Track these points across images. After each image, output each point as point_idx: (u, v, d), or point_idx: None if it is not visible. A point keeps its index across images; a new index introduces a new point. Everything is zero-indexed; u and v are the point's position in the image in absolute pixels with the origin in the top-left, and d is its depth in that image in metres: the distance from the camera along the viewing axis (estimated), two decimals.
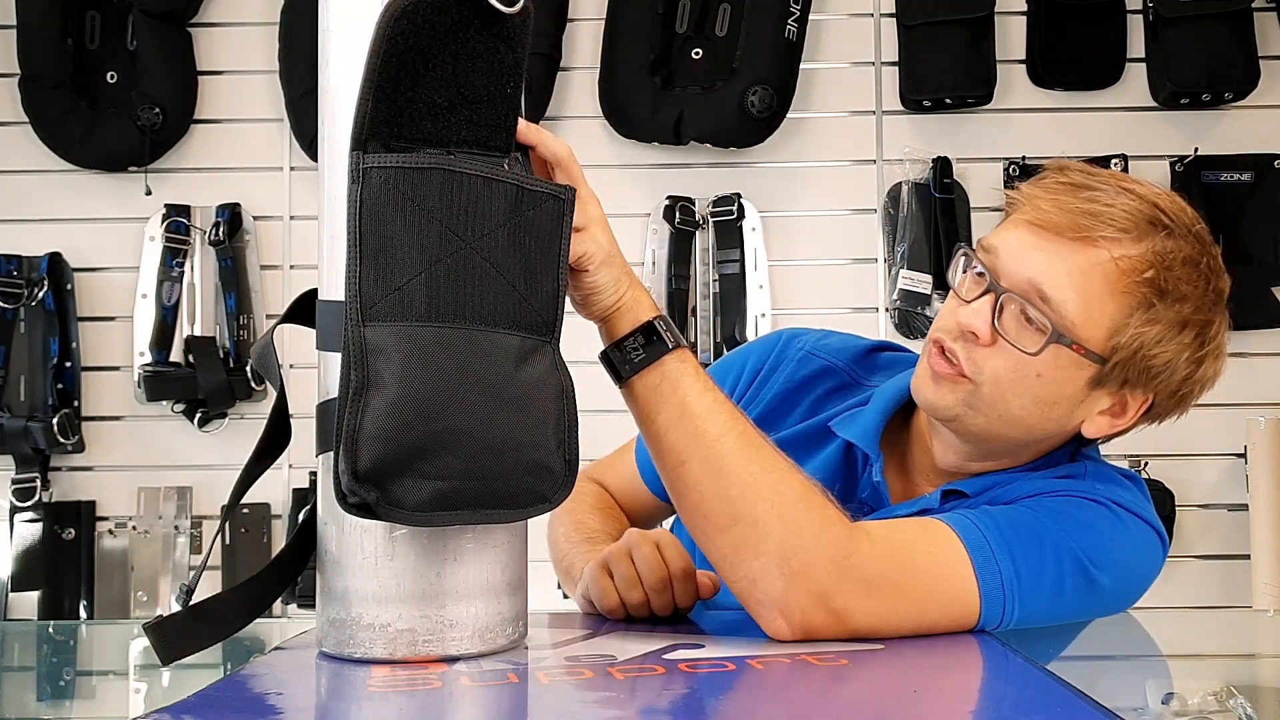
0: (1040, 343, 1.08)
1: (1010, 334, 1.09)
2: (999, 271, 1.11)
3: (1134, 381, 1.11)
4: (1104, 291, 1.07)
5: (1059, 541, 1.05)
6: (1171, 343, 1.09)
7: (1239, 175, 2.85)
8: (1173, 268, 1.07)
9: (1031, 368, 1.09)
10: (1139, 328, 1.08)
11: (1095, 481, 1.14)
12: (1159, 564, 1.15)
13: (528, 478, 0.89)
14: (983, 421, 1.13)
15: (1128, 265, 1.06)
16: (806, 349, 1.33)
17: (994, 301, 1.10)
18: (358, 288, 0.84)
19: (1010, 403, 1.11)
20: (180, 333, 2.85)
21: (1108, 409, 1.14)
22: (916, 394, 1.16)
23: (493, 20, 0.86)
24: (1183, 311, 1.08)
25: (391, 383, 0.83)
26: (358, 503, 0.83)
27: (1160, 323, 1.08)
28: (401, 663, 0.88)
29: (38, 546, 2.80)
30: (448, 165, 0.86)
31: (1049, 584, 1.04)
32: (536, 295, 0.90)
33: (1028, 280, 1.08)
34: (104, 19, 2.90)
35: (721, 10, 2.84)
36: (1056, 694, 0.83)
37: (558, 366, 0.92)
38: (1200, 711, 1.07)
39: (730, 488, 0.98)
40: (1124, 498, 1.12)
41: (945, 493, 1.17)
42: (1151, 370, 1.10)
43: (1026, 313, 1.09)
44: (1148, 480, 2.76)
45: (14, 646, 1.54)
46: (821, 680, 0.88)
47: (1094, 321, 1.08)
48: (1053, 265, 1.08)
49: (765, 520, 0.97)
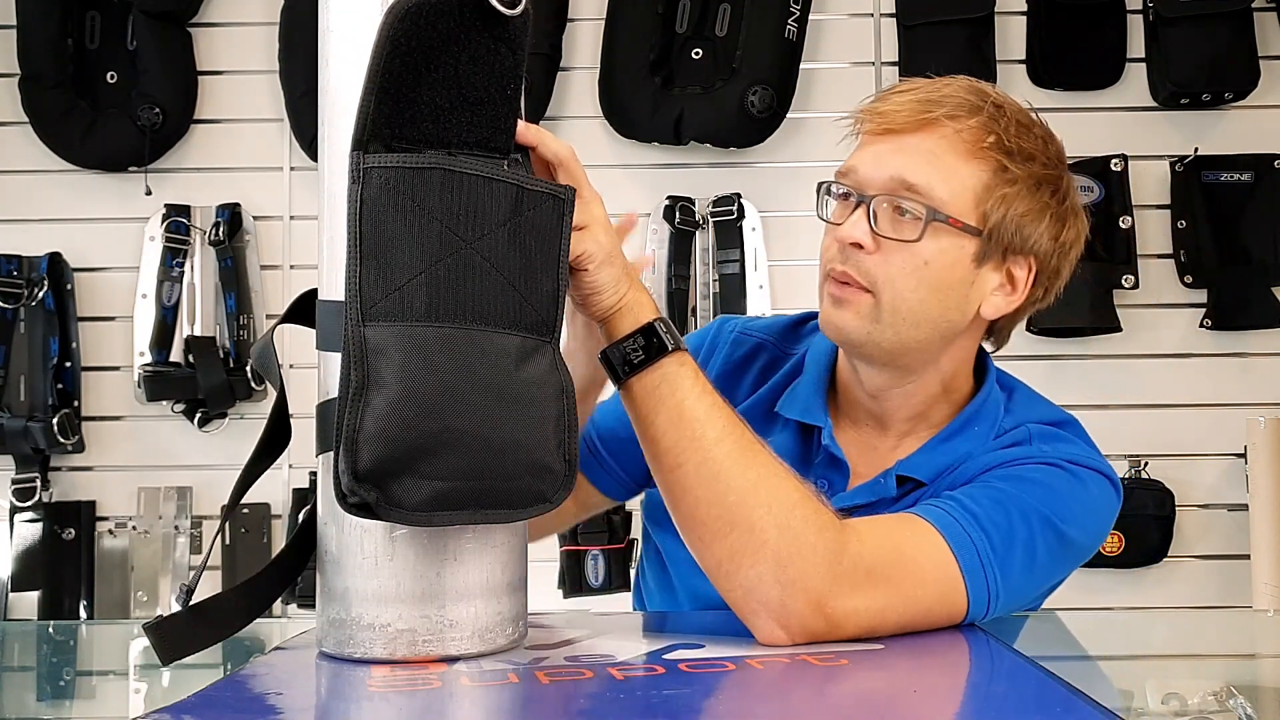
0: (919, 228, 1.13)
1: (889, 231, 1.14)
2: (863, 184, 1.16)
3: (1012, 248, 1.17)
4: (958, 163, 1.14)
5: (1025, 508, 1.09)
6: (1034, 200, 1.16)
7: (1239, 175, 2.86)
8: (1010, 130, 1.16)
9: (919, 257, 1.13)
10: (1001, 190, 1.14)
11: (1041, 444, 1.17)
12: (1116, 506, 1.19)
13: (528, 477, 0.89)
14: (891, 334, 1.16)
15: (971, 135, 1.14)
16: (738, 330, 1.35)
17: (867, 210, 1.14)
18: (358, 288, 0.84)
19: (909, 301, 1.15)
20: (180, 333, 2.85)
21: (999, 286, 1.18)
22: (826, 328, 1.19)
23: (494, 22, 0.86)
24: (1034, 170, 1.16)
25: (392, 382, 0.83)
26: (358, 503, 0.83)
27: (1017, 182, 1.15)
28: (401, 663, 0.88)
29: (38, 546, 2.80)
30: (448, 165, 0.86)
31: (1022, 550, 1.07)
32: (536, 295, 0.90)
33: (890, 177, 1.14)
34: (104, 19, 2.90)
35: (721, 10, 2.84)
36: (1056, 694, 0.83)
37: (558, 366, 0.93)
38: (1200, 711, 1.07)
39: (727, 493, 0.98)
40: (1071, 453, 1.16)
41: (900, 478, 1.19)
42: (1024, 233, 1.16)
43: (899, 207, 1.14)
44: (1147, 480, 2.78)
45: (14, 646, 1.54)
46: (821, 680, 0.88)
47: (959, 194, 1.14)
48: (908, 157, 1.14)
49: (762, 527, 0.97)
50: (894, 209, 1.14)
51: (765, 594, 0.97)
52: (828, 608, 0.97)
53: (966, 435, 1.21)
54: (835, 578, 0.97)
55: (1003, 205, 1.15)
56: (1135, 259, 2.81)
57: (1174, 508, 2.78)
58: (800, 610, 0.96)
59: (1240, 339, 2.86)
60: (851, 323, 1.16)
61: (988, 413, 1.22)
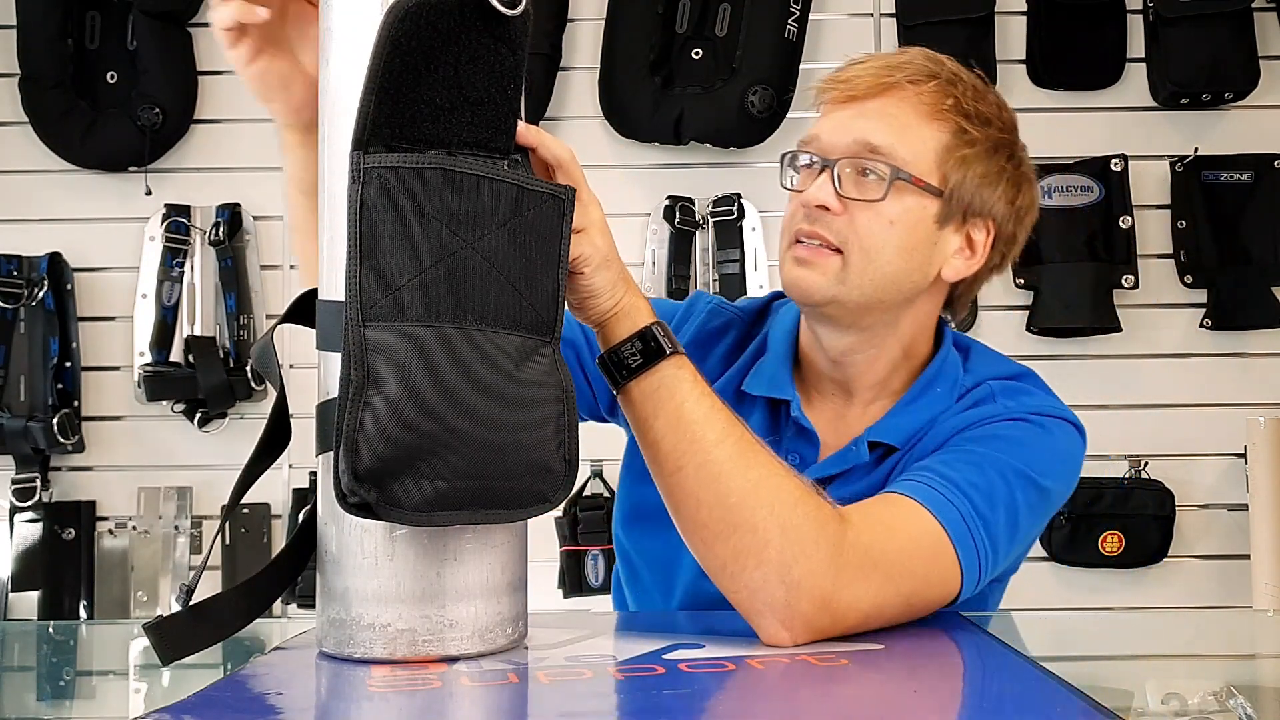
0: (884, 188, 1.16)
1: (854, 192, 1.17)
2: (826, 150, 1.19)
3: (971, 210, 1.20)
4: (919, 124, 1.17)
5: (1001, 466, 1.11)
6: (991, 163, 1.19)
7: (1239, 175, 2.86)
8: (968, 94, 1.19)
9: (884, 217, 1.16)
10: (960, 151, 1.18)
11: (1005, 399, 1.20)
12: (1083, 450, 1.22)
13: (528, 478, 0.89)
14: (857, 294, 1.17)
15: (931, 98, 1.17)
16: (714, 304, 1.37)
17: (831, 173, 1.17)
18: (358, 288, 0.84)
19: (876, 261, 1.17)
20: (180, 333, 2.85)
21: (959, 249, 1.21)
22: (792, 290, 1.20)
23: (494, 22, 0.86)
24: (991, 133, 1.19)
25: (392, 382, 0.83)
26: (358, 503, 0.83)
27: (976, 144, 1.18)
28: (401, 663, 0.88)
29: (38, 546, 2.80)
30: (448, 165, 0.86)
31: (1004, 508, 1.09)
32: (537, 295, 0.90)
33: (853, 140, 1.17)
34: (104, 19, 2.90)
35: (721, 10, 2.84)
36: (1056, 694, 0.83)
37: (558, 366, 0.92)
38: (1200, 711, 1.07)
39: (729, 494, 0.98)
40: (1035, 404, 1.20)
41: (871, 444, 1.21)
42: (982, 195, 1.19)
43: (863, 170, 1.16)
44: (1147, 480, 2.78)
45: (14, 646, 1.54)
46: (821, 680, 0.88)
47: (921, 155, 1.17)
48: (870, 120, 1.17)
49: (765, 528, 0.97)
50: (858, 172, 1.17)
51: (770, 594, 0.97)
52: (832, 603, 0.97)
53: (930, 397, 1.23)
54: (838, 572, 0.97)
55: (962, 167, 1.18)
56: (1135, 259, 2.81)
57: (1174, 508, 2.78)
58: (805, 610, 0.96)
59: (1240, 339, 2.86)
60: (819, 282, 1.17)
61: (947, 373, 1.24)
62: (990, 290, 1.32)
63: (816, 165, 1.19)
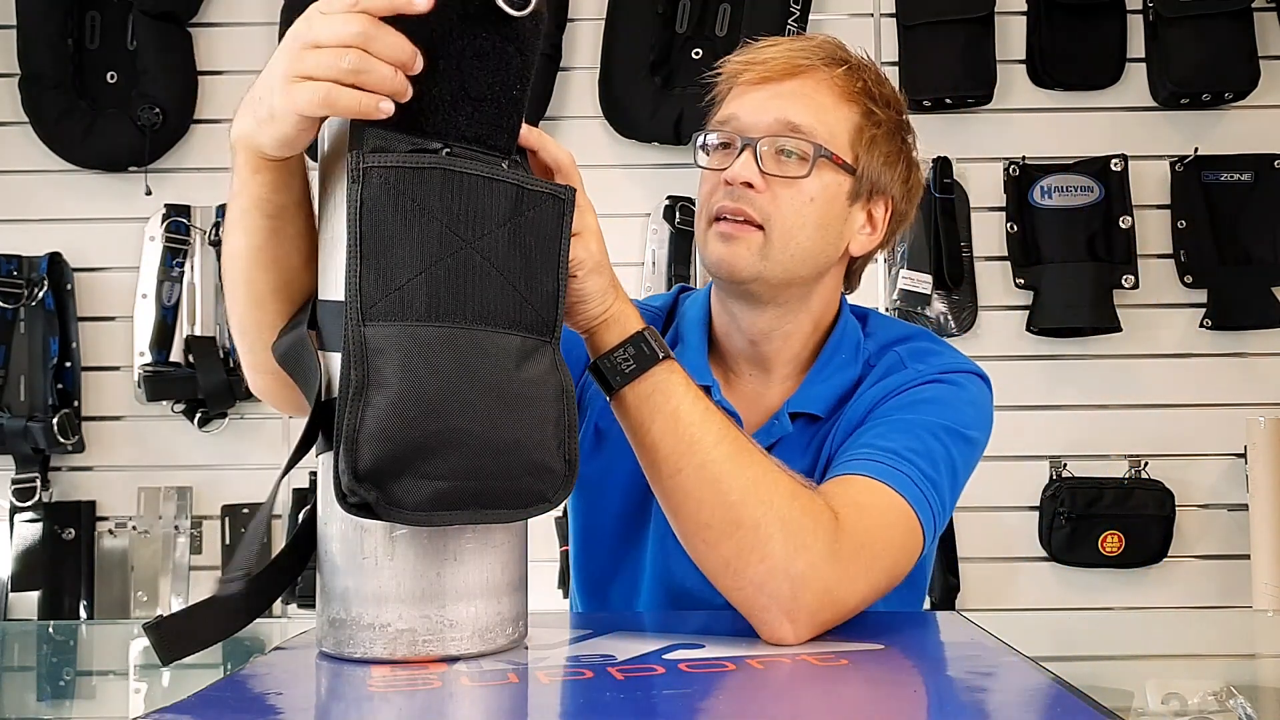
0: (806, 166, 1.19)
1: (776, 170, 1.19)
2: (745, 129, 1.21)
3: (876, 189, 1.25)
4: (834, 105, 1.22)
5: (931, 427, 1.15)
6: (892, 145, 1.25)
7: (1239, 175, 2.86)
8: (872, 78, 1.25)
9: (805, 194, 1.20)
10: (869, 132, 1.23)
11: (915, 363, 1.25)
12: (991, 395, 1.27)
13: (528, 477, 0.89)
14: (778, 269, 1.21)
15: (843, 81, 1.22)
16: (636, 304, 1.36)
17: (754, 152, 1.19)
18: (358, 287, 0.84)
19: (797, 236, 1.20)
20: (180, 333, 2.85)
21: (863, 226, 1.26)
22: (717, 267, 1.22)
23: (501, 21, 0.86)
24: (892, 115, 1.25)
25: (392, 382, 0.83)
26: (358, 502, 0.83)
27: (881, 125, 1.23)
28: (401, 663, 0.88)
29: (38, 546, 2.80)
30: (448, 165, 0.85)
31: (945, 465, 1.13)
32: (537, 295, 0.90)
33: (774, 119, 1.20)
34: (104, 19, 2.90)
35: (721, 10, 2.84)
36: (1056, 694, 0.83)
37: (558, 366, 0.93)
38: (1200, 711, 1.07)
39: (729, 493, 0.99)
40: (943, 363, 1.25)
41: (792, 415, 1.24)
42: (885, 174, 1.25)
43: (782, 149, 1.19)
44: (1147, 480, 2.78)
45: (14, 646, 1.54)
46: (821, 680, 0.88)
47: (837, 134, 1.21)
48: (789, 101, 1.21)
49: (766, 524, 0.98)
50: (777, 151, 1.19)
51: (776, 589, 0.98)
52: (834, 593, 0.99)
53: (838, 363, 1.27)
54: (836, 562, 0.99)
55: (871, 147, 1.23)
56: (1135, 259, 2.81)
57: (1174, 508, 2.78)
58: (809, 602, 0.98)
59: (1240, 339, 2.86)
60: (744, 257, 1.20)
61: (849, 338, 1.29)
62: (990, 290, 1.34)
63: (736, 145, 1.21)
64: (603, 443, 1.31)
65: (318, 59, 0.82)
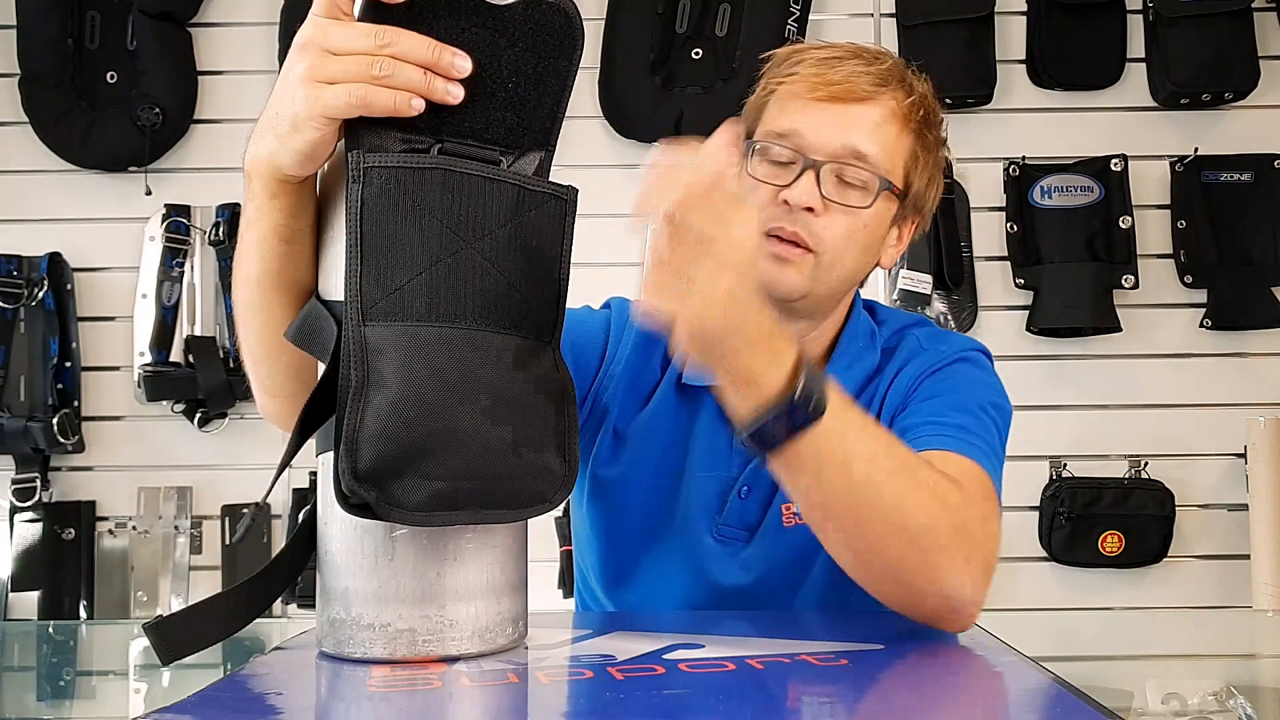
0: (869, 197, 1.21)
1: (837, 197, 1.20)
2: (806, 148, 1.21)
3: (917, 207, 1.29)
4: (897, 134, 1.23)
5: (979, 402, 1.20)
6: (934, 165, 1.29)
7: (1239, 175, 2.86)
8: (929, 101, 1.26)
9: (860, 220, 1.21)
10: (921, 158, 1.26)
11: (933, 345, 1.30)
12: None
13: (528, 478, 0.89)
14: (824, 288, 1.23)
15: (907, 109, 1.23)
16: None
17: (815, 175, 1.19)
18: (358, 288, 0.83)
19: (845, 260, 1.22)
20: (180, 333, 2.85)
21: (894, 242, 1.30)
22: (770, 287, 1.19)
23: (487, 13, 0.86)
24: (937, 136, 1.28)
25: (392, 382, 0.82)
26: (358, 503, 0.83)
27: (930, 151, 1.27)
28: (401, 663, 0.88)
29: (38, 546, 2.80)
30: (448, 165, 0.85)
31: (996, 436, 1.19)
32: (537, 296, 0.90)
33: (841, 145, 1.20)
34: (104, 19, 2.90)
35: (721, 10, 2.84)
36: (1056, 694, 0.83)
37: (558, 367, 0.92)
38: (1200, 711, 1.07)
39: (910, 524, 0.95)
40: (954, 344, 1.30)
41: None
42: (926, 195, 1.29)
43: (844, 176, 1.20)
44: (1147, 480, 2.78)
45: (14, 646, 1.54)
46: (821, 680, 0.88)
47: (896, 164, 1.23)
48: (856, 127, 1.21)
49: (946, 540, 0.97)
50: (839, 177, 1.20)
51: (962, 590, 0.99)
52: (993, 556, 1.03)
53: (855, 351, 1.30)
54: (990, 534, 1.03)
55: (921, 172, 1.26)
56: (1135, 259, 2.81)
57: (1174, 508, 2.78)
58: (980, 593, 1.00)
59: (1240, 339, 2.86)
60: (794, 280, 1.21)
61: (863, 327, 1.33)
62: (990, 290, 1.35)
63: (798, 163, 1.20)
64: (622, 445, 1.31)
65: (343, 64, 0.82)
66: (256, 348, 1.01)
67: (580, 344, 1.31)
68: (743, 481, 1.28)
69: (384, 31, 0.82)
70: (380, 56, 0.81)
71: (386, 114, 0.83)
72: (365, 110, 0.82)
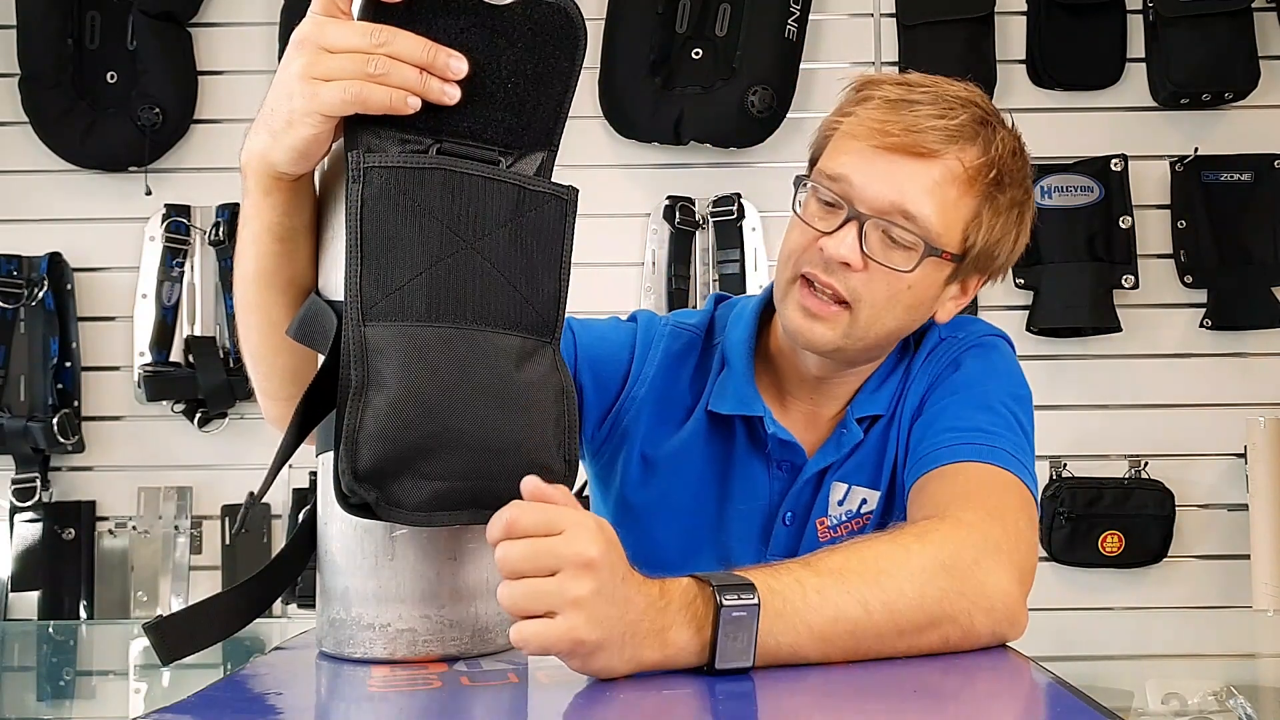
0: (913, 260, 1.13)
1: (880, 256, 1.13)
2: (854, 198, 1.13)
3: (979, 265, 1.20)
4: (957, 197, 1.13)
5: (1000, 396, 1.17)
6: (1008, 224, 1.18)
7: (1239, 175, 2.86)
8: (1006, 161, 1.15)
9: (903, 282, 1.14)
10: (986, 219, 1.16)
11: (954, 330, 1.25)
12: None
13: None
14: (859, 345, 1.17)
15: (974, 170, 1.13)
16: (672, 324, 1.32)
17: (858, 228, 1.12)
18: (358, 288, 0.84)
19: (885, 319, 1.16)
20: (180, 333, 2.85)
21: (955, 294, 1.22)
22: (796, 338, 1.18)
23: (486, 14, 0.86)
24: (1015, 195, 1.17)
25: (392, 382, 0.83)
26: (358, 503, 0.83)
27: (1001, 213, 1.17)
28: (401, 663, 0.88)
29: (38, 546, 2.80)
30: (449, 165, 0.85)
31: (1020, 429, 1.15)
32: (537, 296, 0.90)
33: (890, 203, 1.12)
34: (104, 19, 2.90)
35: (721, 10, 2.84)
36: (1056, 694, 0.83)
37: (558, 367, 0.92)
38: (1200, 711, 1.07)
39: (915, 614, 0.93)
40: (971, 331, 1.26)
41: (858, 419, 1.23)
42: (992, 253, 1.19)
43: (891, 234, 1.12)
44: (1147, 480, 2.78)
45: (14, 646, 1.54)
46: (822, 680, 0.88)
47: (951, 227, 1.14)
48: (909, 184, 1.12)
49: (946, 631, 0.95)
50: (885, 234, 1.13)
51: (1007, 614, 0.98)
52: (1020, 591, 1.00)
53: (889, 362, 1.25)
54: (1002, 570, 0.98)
55: (984, 232, 1.16)
56: (1135, 259, 2.81)
57: (1174, 508, 2.78)
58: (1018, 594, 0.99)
59: (1240, 339, 2.86)
60: (825, 336, 1.16)
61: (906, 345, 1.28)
62: (990, 290, 1.33)
63: (842, 211, 1.13)
64: (653, 473, 1.27)
65: (340, 62, 0.82)
66: (256, 347, 1.01)
67: (602, 361, 1.28)
68: (785, 508, 1.24)
69: (380, 30, 0.82)
70: (376, 55, 0.81)
71: (382, 111, 0.83)
72: (361, 107, 0.82)
